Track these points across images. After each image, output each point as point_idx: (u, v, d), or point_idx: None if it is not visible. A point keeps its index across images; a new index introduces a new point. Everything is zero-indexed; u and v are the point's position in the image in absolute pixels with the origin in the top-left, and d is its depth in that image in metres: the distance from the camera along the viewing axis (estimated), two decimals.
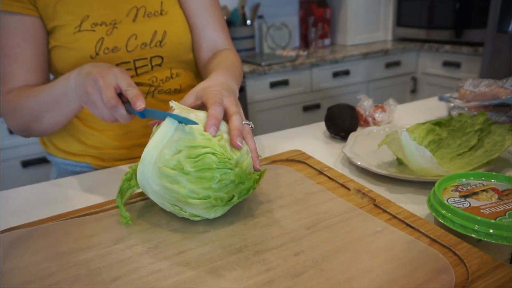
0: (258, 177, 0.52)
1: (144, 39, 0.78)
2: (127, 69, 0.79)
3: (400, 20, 2.73)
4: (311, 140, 0.88)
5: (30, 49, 0.74)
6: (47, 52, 0.77)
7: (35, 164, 1.83)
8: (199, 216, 0.50)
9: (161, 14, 0.80)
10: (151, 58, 0.80)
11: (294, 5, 2.75)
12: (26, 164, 1.81)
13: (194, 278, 0.41)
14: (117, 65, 0.78)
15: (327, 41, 2.78)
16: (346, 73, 2.43)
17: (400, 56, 2.58)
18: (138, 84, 0.82)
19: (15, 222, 0.57)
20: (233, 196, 0.49)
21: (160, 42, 0.80)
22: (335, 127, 0.85)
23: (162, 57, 0.81)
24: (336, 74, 2.40)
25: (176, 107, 0.51)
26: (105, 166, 0.84)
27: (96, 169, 0.83)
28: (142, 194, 0.59)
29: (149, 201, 0.58)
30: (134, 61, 0.79)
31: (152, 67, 0.81)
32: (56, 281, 0.42)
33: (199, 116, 0.51)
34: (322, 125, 0.96)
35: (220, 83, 0.60)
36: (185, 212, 0.49)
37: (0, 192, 0.71)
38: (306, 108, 2.38)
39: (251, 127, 0.57)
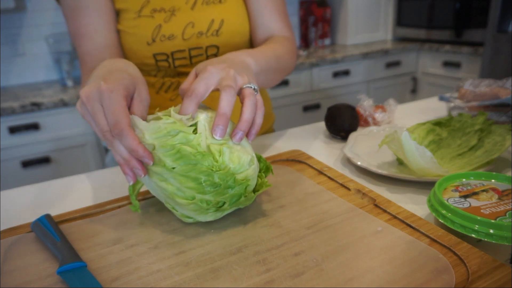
0: (248, 184, 0.48)
1: (200, 27, 0.78)
2: (182, 58, 0.79)
3: (400, 20, 2.73)
4: (311, 140, 0.88)
5: (103, 25, 0.75)
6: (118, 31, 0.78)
7: (35, 164, 1.83)
8: (191, 218, 0.49)
9: (219, 1, 0.80)
10: (206, 47, 0.80)
11: (294, 5, 2.75)
12: (26, 164, 1.81)
13: (194, 278, 0.41)
14: (172, 53, 0.78)
15: (327, 41, 2.78)
16: (346, 73, 2.43)
17: (400, 56, 2.58)
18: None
19: (15, 222, 0.57)
20: (224, 202, 0.48)
21: (217, 31, 0.79)
22: (335, 127, 0.85)
23: (218, 47, 0.80)
24: (336, 74, 2.40)
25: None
26: None
27: None
28: (140, 194, 0.59)
29: (148, 201, 0.58)
30: (190, 49, 0.79)
31: (208, 56, 0.81)
32: (56, 281, 0.42)
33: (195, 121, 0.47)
34: (322, 125, 0.96)
35: (217, 61, 0.53)
36: (176, 211, 0.49)
37: (0, 192, 0.71)
38: (306, 108, 2.38)
39: (254, 89, 0.50)
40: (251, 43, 0.85)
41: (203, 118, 0.48)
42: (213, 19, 0.78)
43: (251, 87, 0.50)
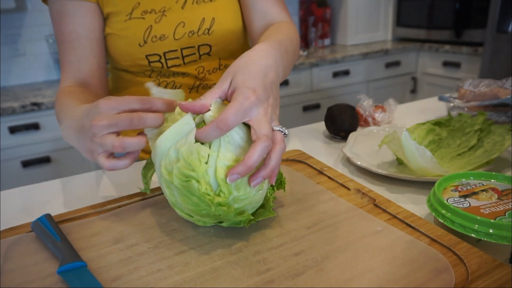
0: (253, 217, 0.47)
1: (191, 27, 0.78)
2: (175, 58, 0.79)
3: (400, 20, 2.73)
4: (311, 140, 0.88)
5: (85, 35, 0.75)
6: (103, 39, 0.78)
7: (35, 164, 1.83)
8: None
9: (210, 0, 0.79)
10: (198, 46, 0.79)
11: (294, 5, 2.75)
12: (26, 164, 1.81)
13: (194, 278, 0.41)
14: (164, 53, 0.78)
15: (327, 41, 2.78)
16: (346, 73, 2.43)
17: (400, 56, 2.58)
18: (184, 74, 0.82)
19: (15, 222, 0.57)
20: (222, 222, 0.48)
21: (208, 29, 0.78)
22: (335, 127, 0.85)
23: (210, 46, 0.80)
24: (336, 74, 2.39)
25: (214, 107, 0.46)
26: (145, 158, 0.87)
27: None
28: (141, 194, 0.59)
29: (149, 201, 0.58)
30: (182, 49, 0.79)
31: (200, 56, 0.81)
32: (56, 281, 0.42)
33: (235, 137, 0.45)
34: (322, 125, 0.96)
35: (261, 76, 0.47)
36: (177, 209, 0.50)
37: (0, 192, 0.71)
38: (306, 108, 2.38)
39: (285, 134, 0.47)
40: (247, 31, 0.83)
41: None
42: (204, 17, 0.78)
43: (282, 132, 0.47)
